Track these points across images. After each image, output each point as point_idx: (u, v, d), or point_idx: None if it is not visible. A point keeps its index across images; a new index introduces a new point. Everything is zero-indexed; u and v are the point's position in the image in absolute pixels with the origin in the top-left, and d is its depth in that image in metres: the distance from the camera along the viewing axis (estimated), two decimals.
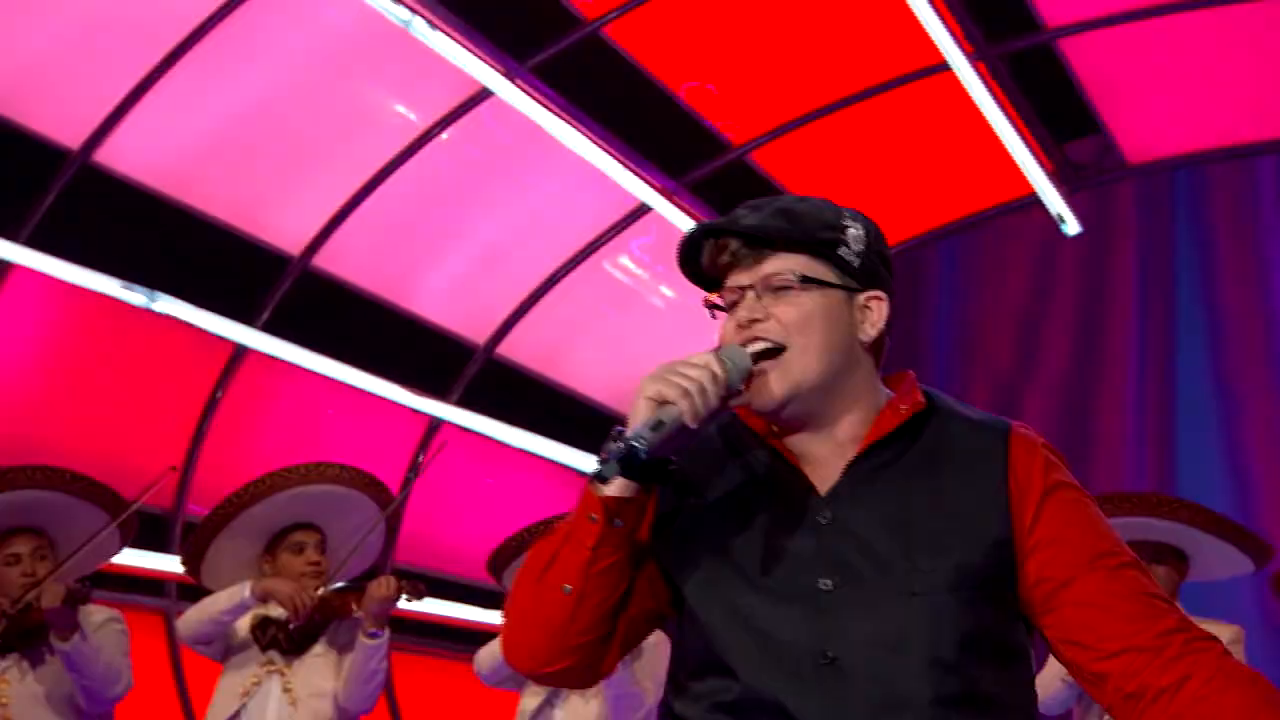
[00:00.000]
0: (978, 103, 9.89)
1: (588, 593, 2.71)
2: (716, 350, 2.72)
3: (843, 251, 2.77)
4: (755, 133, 10.16)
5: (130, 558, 8.61)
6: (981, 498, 2.67)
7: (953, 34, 9.46)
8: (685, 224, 9.95)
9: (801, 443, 2.73)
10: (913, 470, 2.72)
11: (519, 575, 2.77)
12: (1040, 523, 2.69)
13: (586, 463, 10.78)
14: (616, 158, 9.63)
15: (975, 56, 9.65)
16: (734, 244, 2.72)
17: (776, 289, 2.73)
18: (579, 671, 2.81)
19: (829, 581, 2.67)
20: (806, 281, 2.73)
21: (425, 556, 9.81)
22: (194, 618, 6.79)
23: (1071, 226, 10.67)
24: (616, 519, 2.63)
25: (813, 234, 2.73)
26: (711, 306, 2.77)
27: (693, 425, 2.65)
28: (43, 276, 9.18)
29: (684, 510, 2.76)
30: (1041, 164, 10.51)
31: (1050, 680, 6.20)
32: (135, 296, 9.36)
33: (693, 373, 2.66)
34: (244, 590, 6.64)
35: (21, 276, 9.05)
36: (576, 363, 10.74)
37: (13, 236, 9.08)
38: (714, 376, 2.67)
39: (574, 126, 9.38)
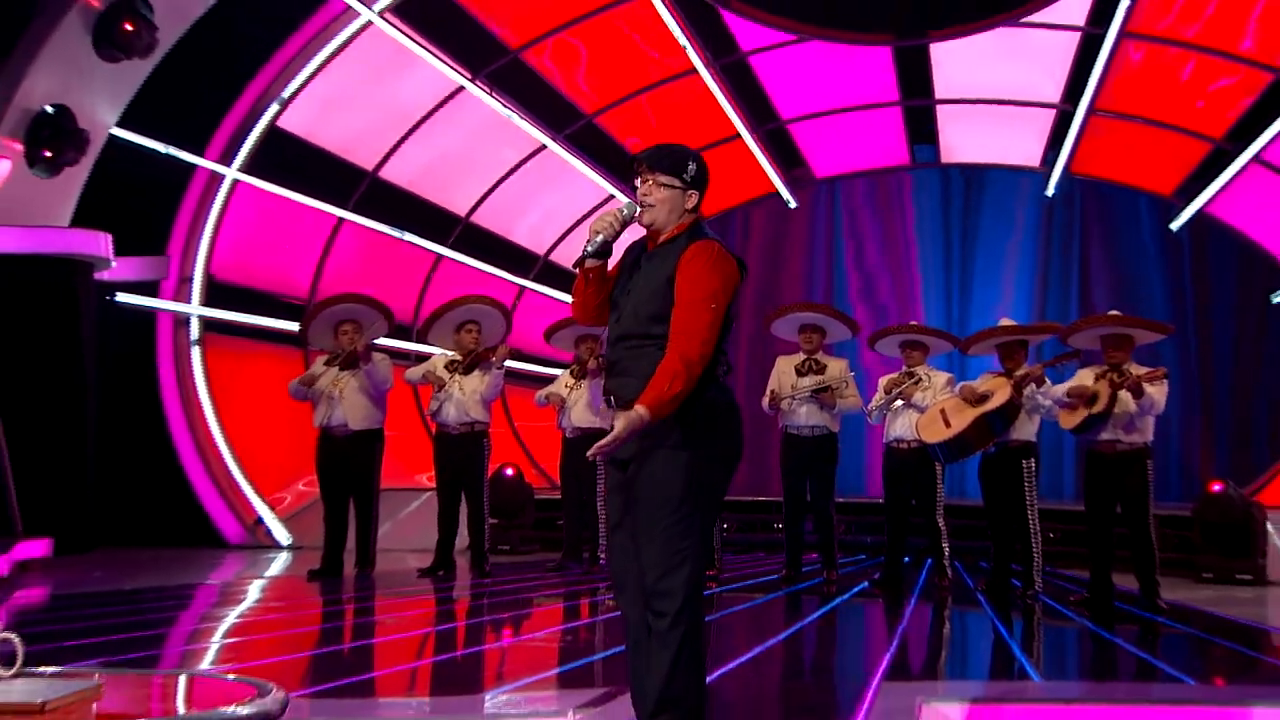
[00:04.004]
0: (754, 153, 12.43)
1: (588, 296, 3.27)
2: (624, 205, 3.19)
3: (683, 175, 3.13)
4: (602, 103, 11.76)
5: (392, 341, 10.13)
6: (673, 263, 3.07)
7: (740, 117, 11.52)
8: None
9: (655, 241, 3.17)
10: (665, 254, 3.13)
11: (573, 293, 3.35)
12: (681, 274, 3.01)
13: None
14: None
15: (752, 130, 11.96)
16: (642, 165, 3.18)
17: (654, 184, 3.12)
18: (600, 319, 3.32)
19: (628, 288, 3.20)
20: (661, 185, 3.11)
21: (519, 343, 9.96)
22: (411, 375, 8.07)
23: (792, 204, 13.09)
24: (589, 275, 3.25)
25: (671, 163, 3.15)
26: (635, 184, 3.24)
27: (611, 240, 3.14)
28: (357, 225, 11.35)
29: (629, 262, 3.30)
30: (780, 176, 13.07)
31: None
32: (394, 232, 11.59)
33: (609, 218, 3.13)
34: (419, 373, 7.82)
35: (348, 228, 11.30)
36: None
37: (344, 206, 11.19)
38: (617, 217, 3.15)
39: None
